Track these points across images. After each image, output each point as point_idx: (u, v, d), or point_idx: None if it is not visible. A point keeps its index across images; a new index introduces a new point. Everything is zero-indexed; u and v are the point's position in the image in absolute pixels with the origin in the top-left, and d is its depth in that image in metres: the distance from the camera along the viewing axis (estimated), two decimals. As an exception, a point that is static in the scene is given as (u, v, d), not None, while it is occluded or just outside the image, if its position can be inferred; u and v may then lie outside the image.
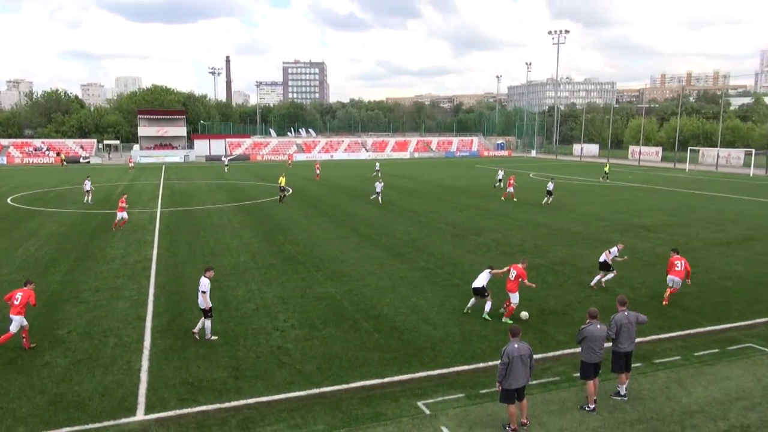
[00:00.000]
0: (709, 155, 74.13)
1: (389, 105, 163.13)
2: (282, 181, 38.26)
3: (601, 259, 17.51)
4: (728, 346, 13.12)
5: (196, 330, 13.58)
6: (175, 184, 49.74)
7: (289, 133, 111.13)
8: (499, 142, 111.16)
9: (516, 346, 9.58)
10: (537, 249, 22.82)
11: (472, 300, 15.28)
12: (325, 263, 20.57)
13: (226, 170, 64.17)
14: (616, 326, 10.72)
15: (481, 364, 12.06)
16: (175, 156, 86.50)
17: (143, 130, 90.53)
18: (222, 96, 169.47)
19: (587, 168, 69.96)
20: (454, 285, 17.88)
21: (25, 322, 12.84)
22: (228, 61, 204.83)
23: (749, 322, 14.53)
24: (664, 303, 16.04)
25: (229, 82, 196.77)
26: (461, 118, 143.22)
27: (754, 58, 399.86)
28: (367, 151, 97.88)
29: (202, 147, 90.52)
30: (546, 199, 36.12)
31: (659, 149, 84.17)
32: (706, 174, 60.57)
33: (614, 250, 17.64)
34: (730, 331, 14.10)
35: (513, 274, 14.79)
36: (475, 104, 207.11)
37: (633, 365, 11.06)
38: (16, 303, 12.67)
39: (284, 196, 36.78)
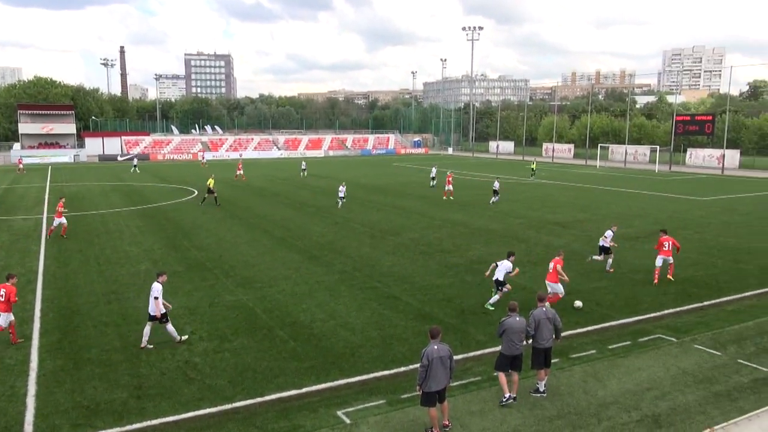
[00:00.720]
0: (618, 152, 79.03)
1: (301, 101, 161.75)
2: (211, 182, 37.07)
3: (601, 243, 20.13)
4: (639, 338, 14.04)
5: (143, 345, 13.21)
6: (64, 187, 46.80)
7: (193, 131, 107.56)
8: (416, 139, 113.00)
9: (435, 347, 9.76)
10: (455, 248, 23.40)
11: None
12: (236, 269, 20.09)
13: (134, 170, 61.40)
14: (534, 322, 11.20)
15: (402, 369, 12.20)
16: (63, 156, 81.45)
17: (25, 127, 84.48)
18: (116, 90, 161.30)
19: (504, 165, 72.56)
20: (373, 288, 17.99)
21: (12, 318, 13.44)
22: (122, 51, 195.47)
23: (657, 314, 15.61)
24: (654, 282, 18.18)
25: (124, 75, 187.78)
26: (377, 114, 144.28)
27: (657, 58, 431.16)
28: (279, 149, 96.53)
29: (95, 146, 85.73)
30: (492, 198, 36.55)
31: (571, 146, 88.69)
32: (615, 170, 64.52)
33: (609, 233, 20.14)
34: (640, 323, 15.10)
35: (551, 266, 16.12)
36: (390, 101, 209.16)
37: (551, 361, 11.58)
38: (0, 300, 13.22)
39: (214, 197, 35.93)
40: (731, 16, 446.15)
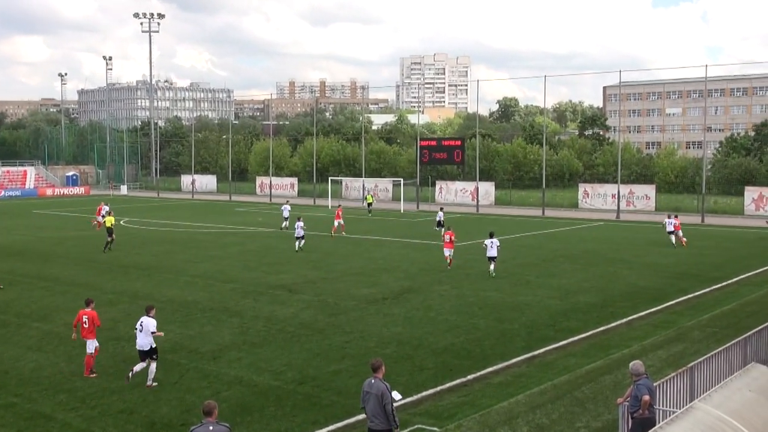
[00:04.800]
0: (354, 187, 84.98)
1: None
2: (109, 221, 41.62)
3: (669, 228, 42.12)
4: (394, 433, 14.98)
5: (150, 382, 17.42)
6: None
7: None
8: (71, 173, 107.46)
9: None
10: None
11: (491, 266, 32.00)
12: None
13: None
14: (363, 392, 12.76)
15: None
16: None
17: None
18: None
19: (209, 208, 72.66)
20: (9, 405, 16.41)
21: (97, 344, 18.51)
22: None
23: (415, 398, 16.89)
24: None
25: None
26: (5, 137, 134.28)
27: (393, 67, 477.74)
28: None
29: None
30: (436, 228, 47.95)
31: (295, 180, 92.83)
32: (352, 211, 69.00)
33: (672, 221, 42.32)
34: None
35: (447, 237, 34.64)
36: (27, 116, 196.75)
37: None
38: (85, 326, 18.31)
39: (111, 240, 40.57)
40: (472, 20, 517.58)
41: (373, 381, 12.63)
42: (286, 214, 51.45)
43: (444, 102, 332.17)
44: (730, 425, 9.05)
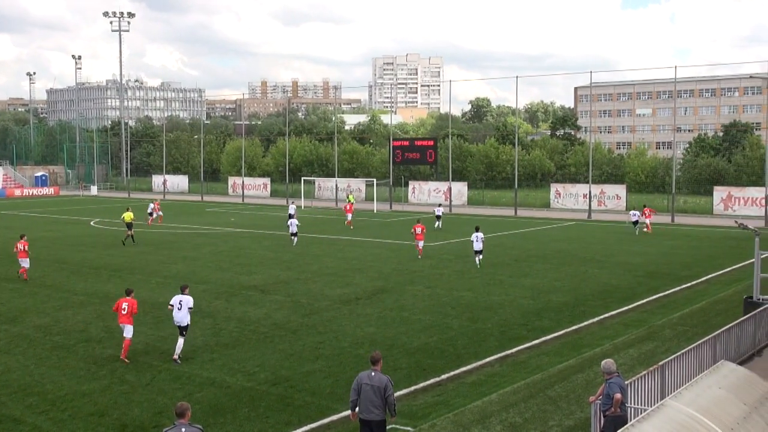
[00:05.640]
0: (326, 187, 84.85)
1: None
2: (127, 216, 43.87)
3: (633, 219, 47.35)
4: (368, 433, 14.98)
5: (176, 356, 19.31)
6: None
7: None
8: (40, 174, 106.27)
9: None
10: (108, 334, 22.39)
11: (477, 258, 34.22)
12: None
13: None
14: (357, 385, 13.02)
15: None
16: None
17: None
18: None
19: (181, 208, 72.13)
20: (-24, 409, 16.17)
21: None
22: None
23: (389, 398, 16.89)
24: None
25: None
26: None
27: (365, 67, 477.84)
28: None
29: None
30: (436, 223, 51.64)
31: (267, 181, 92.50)
32: (324, 211, 69.00)
33: (636, 212, 48.28)
34: (368, 412, 16.15)
35: (419, 230, 36.80)
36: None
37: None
38: (123, 313, 19.81)
39: (131, 235, 43.21)
40: (444, 20, 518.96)
41: (373, 374, 13.02)
42: (291, 212, 51.74)
43: (416, 102, 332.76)
44: (700, 422, 9.16)
